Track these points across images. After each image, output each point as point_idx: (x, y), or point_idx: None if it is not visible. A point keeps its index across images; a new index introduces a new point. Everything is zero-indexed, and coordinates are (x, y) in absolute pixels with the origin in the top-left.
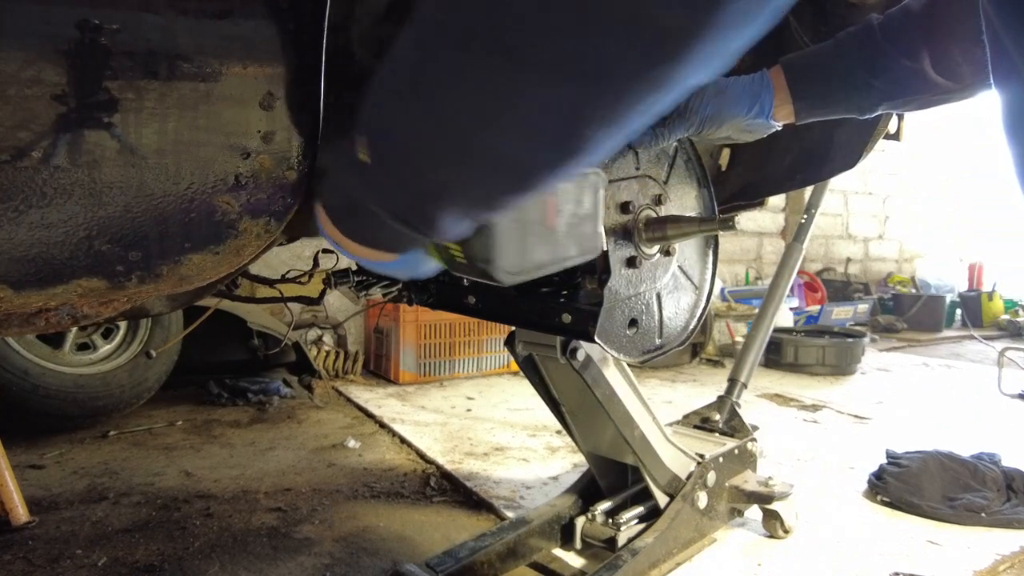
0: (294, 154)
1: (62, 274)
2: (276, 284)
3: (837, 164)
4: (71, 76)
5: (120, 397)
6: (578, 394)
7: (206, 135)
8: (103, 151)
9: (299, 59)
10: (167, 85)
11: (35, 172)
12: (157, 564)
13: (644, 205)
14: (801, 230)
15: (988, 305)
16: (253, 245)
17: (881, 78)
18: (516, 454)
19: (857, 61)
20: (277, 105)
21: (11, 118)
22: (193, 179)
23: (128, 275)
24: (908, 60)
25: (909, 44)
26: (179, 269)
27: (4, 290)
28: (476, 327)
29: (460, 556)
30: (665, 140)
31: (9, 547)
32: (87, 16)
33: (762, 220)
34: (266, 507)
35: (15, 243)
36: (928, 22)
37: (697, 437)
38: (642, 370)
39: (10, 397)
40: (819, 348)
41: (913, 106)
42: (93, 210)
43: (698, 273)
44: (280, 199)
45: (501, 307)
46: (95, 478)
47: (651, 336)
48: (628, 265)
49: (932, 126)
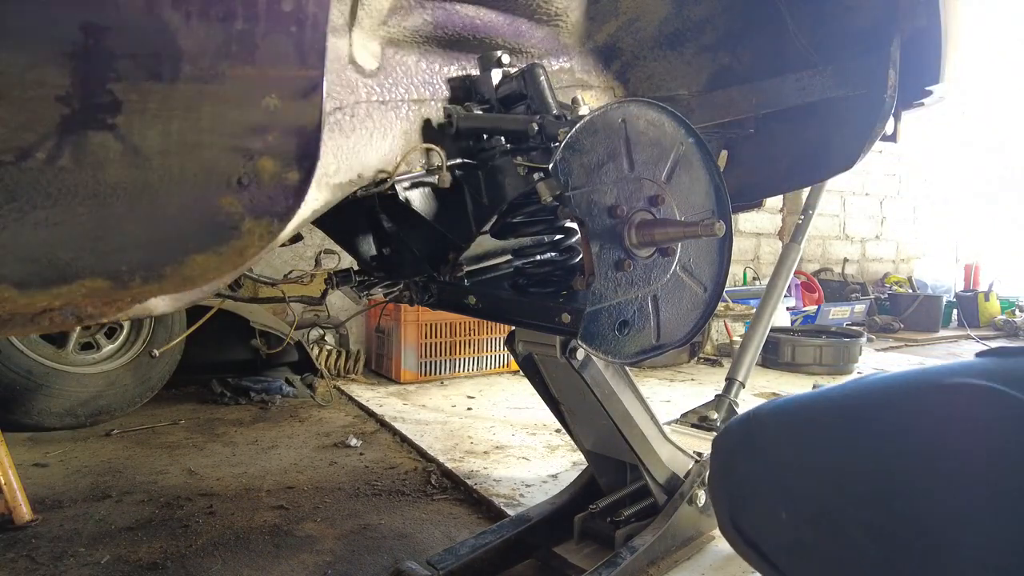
0: (296, 155)
1: (66, 274)
2: (278, 284)
3: (834, 165)
4: (75, 78)
5: (123, 396)
6: (577, 393)
7: (209, 136)
8: (107, 152)
9: (302, 61)
10: (170, 87)
11: (40, 173)
12: (160, 562)
13: (637, 208)
14: (798, 231)
15: (985, 305)
16: (256, 246)
17: None
18: (516, 452)
19: None
20: (279, 106)
21: (15, 119)
22: (196, 180)
23: (132, 275)
24: None
25: None
26: (182, 270)
27: (8, 290)
28: (477, 327)
29: (460, 553)
30: None
31: (13, 545)
32: (91, 18)
33: (760, 221)
34: (268, 505)
35: (20, 243)
36: None
37: (695, 435)
38: (641, 369)
39: (14, 396)
40: (816, 348)
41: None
42: (97, 211)
43: (706, 273)
44: (283, 200)
45: (501, 307)
46: (98, 477)
47: (646, 337)
48: (617, 268)
49: (932, 126)
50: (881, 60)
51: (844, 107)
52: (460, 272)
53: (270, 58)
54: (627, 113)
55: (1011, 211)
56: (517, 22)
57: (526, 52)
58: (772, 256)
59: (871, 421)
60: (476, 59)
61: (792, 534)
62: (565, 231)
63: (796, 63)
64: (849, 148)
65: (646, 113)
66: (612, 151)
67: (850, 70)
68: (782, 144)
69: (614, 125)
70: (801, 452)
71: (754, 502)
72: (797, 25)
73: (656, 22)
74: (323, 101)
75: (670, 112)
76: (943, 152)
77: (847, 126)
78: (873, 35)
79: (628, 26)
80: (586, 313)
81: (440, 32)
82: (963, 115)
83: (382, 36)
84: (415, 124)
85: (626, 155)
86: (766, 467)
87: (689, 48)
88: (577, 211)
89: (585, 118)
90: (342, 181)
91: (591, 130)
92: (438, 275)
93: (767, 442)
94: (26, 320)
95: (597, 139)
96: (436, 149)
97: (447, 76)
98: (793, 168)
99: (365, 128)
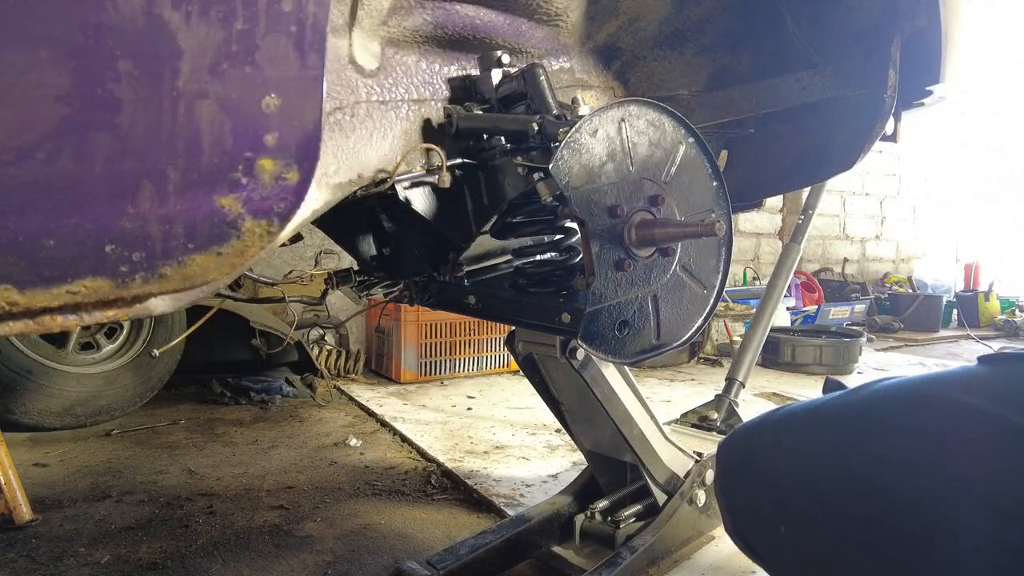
0: (296, 155)
1: (66, 274)
2: (278, 284)
3: (834, 165)
4: (74, 78)
5: (123, 396)
6: (577, 393)
7: (208, 136)
8: (107, 151)
9: (302, 61)
10: (170, 86)
11: (40, 173)
12: (160, 562)
13: (637, 208)
14: (798, 231)
15: (985, 305)
16: (256, 246)
17: None
18: (516, 452)
19: None
20: (279, 106)
21: (13, 118)
22: (196, 180)
23: (132, 275)
24: None
25: None
26: (183, 270)
27: (8, 290)
28: (477, 327)
29: (460, 553)
30: None
31: (13, 545)
32: (90, 17)
33: (760, 221)
34: (268, 505)
35: (19, 243)
36: None
37: (695, 435)
38: (641, 369)
39: (14, 396)
40: (816, 348)
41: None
42: (97, 210)
43: (707, 273)
44: (282, 200)
45: (501, 307)
46: (98, 476)
47: (646, 337)
48: (617, 268)
49: (932, 126)
50: (881, 60)
51: (844, 107)
52: (460, 272)
53: (270, 58)
54: (627, 113)
55: (1011, 211)
56: (517, 22)
57: (526, 52)
58: (772, 256)
59: (866, 441)
60: (476, 59)
61: (791, 547)
62: (565, 231)
63: (796, 63)
64: (849, 148)
65: (646, 113)
66: (612, 151)
67: (850, 70)
68: (782, 144)
69: (614, 125)
70: (799, 472)
71: (755, 516)
72: (797, 25)
73: (656, 22)
74: (323, 101)
75: (670, 112)
76: (943, 152)
77: (847, 126)
78: (873, 35)
79: (628, 26)
80: (586, 313)
81: (440, 32)
82: (963, 115)
83: (382, 36)
84: (415, 124)
85: (626, 155)
86: (765, 485)
87: (689, 48)
88: (577, 211)
89: (585, 118)
90: (342, 181)
91: (591, 130)
92: (438, 275)
93: (766, 461)
94: (26, 320)
95: (597, 139)
96: (436, 149)
97: (447, 76)
98: (793, 168)
99: (365, 128)
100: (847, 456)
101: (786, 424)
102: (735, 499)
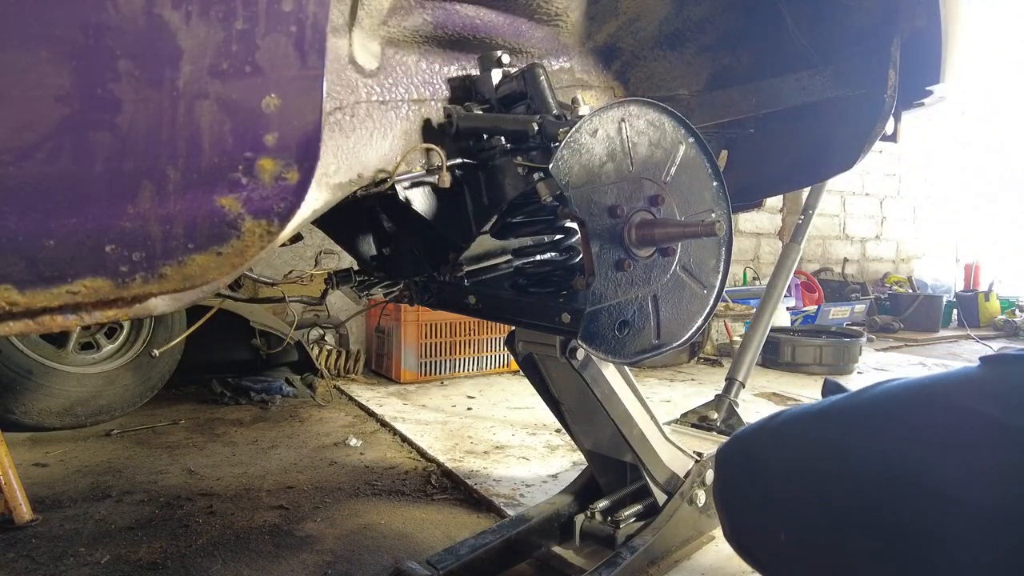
0: (296, 155)
1: (66, 274)
2: (278, 284)
3: (834, 165)
4: (71, 76)
5: (123, 396)
6: (577, 393)
7: (209, 136)
8: (107, 151)
9: (302, 61)
10: (170, 86)
11: (40, 173)
12: (160, 562)
13: (637, 208)
14: (798, 231)
15: (985, 305)
16: (256, 246)
17: None
18: (516, 452)
19: None
20: (279, 106)
21: (13, 118)
22: (196, 180)
23: (132, 275)
24: None
25: None
26: (183, 270)
27: (9, 290)
28: (477, 327)
29: (460, 553)
30: None
31: (13, 545)
32: (90, 17)
33: (760, 221)
34: (268, 505)
35: (19, 243)
36: None
37: (695, 435)
38: (641, 369)
39: (14, 396)
40: (816, 348)
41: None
42: (97, 210)
43: (707, 273)
44: (282, 200)
45: (501, 307)
46: (98, 476)
47: (646, 337)
48: (617, 268)
49: (932, 126)
50: (881, 60)
51: (844, 107)
52: (460, 272)
53: (270, 58)
54: (627, 113)
55: (1011, 211)
56: (517, 22)
57: (526, 52)
58: (772, 256)
59: (867, 448)
60: (476, 59)
61: (790, 554)
62: (565, 231)
63: (796, 63)
64: (849, 148)
65: (646, 113)
66: (612, 151)
67: (850, 70)
68: (782, 144)
69: (614, 125)
70: (798, 479)
71: (754, 523)
72: (797, 25)
73: (656, 22)
74: (323, 101)
75: (670, 112)
76: (943, 152)
77: (847, 126)
78: (873, 35)
79: (628, 26)
80: (586, 313)
81: (440, 32)
82: (963, 115)
83: (382, 36)
84: (415, 124)
85: (626, 155)
86: (765, 492)
87: (689, 48)
88: (577, 211)
89: (585, 118)
90: (342, 181)
91: (591, 130)
92: (438, 275)
93: (766, 468)
94: (26, 320)
95: (597, 139)
96: (436, 149)
97: (447, 76)
98: (793, 168)
99: (365, 128)
100: (848, 462)
101: (785, 431)
102: (734, 506)
